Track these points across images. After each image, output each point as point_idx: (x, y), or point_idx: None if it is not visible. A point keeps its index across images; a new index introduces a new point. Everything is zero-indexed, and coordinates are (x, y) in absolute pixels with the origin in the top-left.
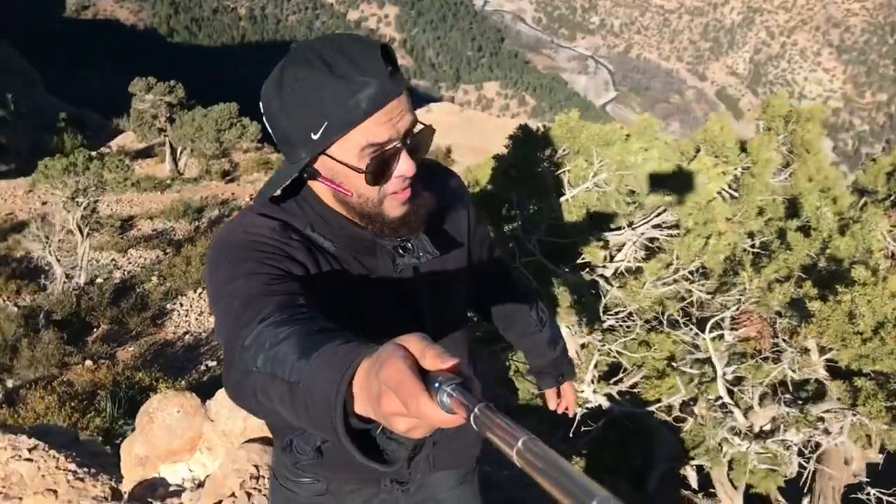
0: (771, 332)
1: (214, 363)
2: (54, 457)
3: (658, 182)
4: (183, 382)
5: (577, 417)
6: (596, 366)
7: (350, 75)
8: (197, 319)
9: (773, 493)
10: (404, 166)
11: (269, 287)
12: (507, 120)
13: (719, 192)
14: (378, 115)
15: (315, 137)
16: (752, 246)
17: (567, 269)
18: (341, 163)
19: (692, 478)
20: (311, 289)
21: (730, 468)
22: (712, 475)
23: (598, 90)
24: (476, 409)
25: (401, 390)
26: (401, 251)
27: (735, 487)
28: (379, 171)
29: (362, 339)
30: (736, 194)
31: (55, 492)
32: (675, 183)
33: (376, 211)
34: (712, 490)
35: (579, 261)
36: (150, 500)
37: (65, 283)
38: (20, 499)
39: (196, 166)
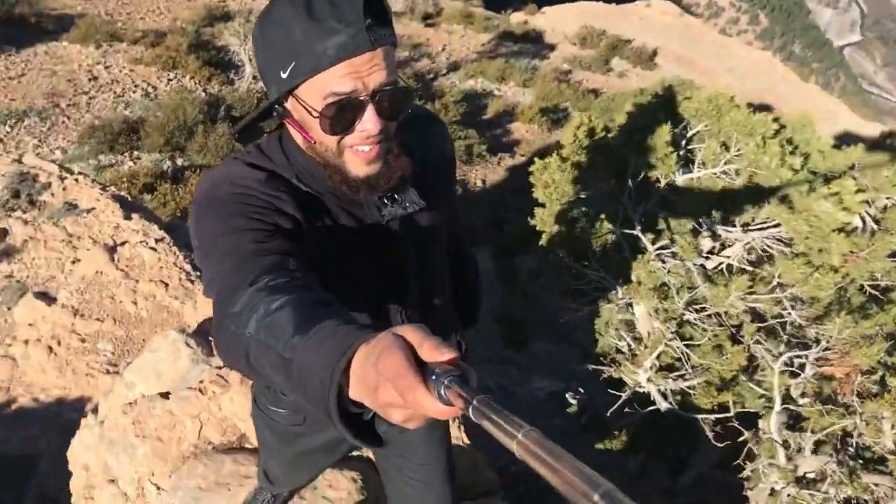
0: (857, 380)
1: None
2: (175, 253)
3: (786, 192)
4: None
5: (623, 398)
6: (659, 356)
7: (325, 19)
8: None
9: None
10: (369, 123)
11: (260, 245)
12: (728, 39)
13: (862, 219)
14: (344, 64)
15: (283, 76)
16: (875, 287)
17: (665, 249)
18: (305, 106)
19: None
20: (301, 242)
21: (770, 493)
22: (750, 495)
23: (841, 29)
24: (475, 401)
25: (398, 382)
26: (386, 201)
27: None
28: (335, 119)
29: (357, 302)
30: (877, 227)
31: (166, 285)
32: (804, 199)
33: (336, 163)
34: None
35: (679, 247)
36: (210, 337)
37: (250, 83)
38: (137, 281)
39: (402, 2)
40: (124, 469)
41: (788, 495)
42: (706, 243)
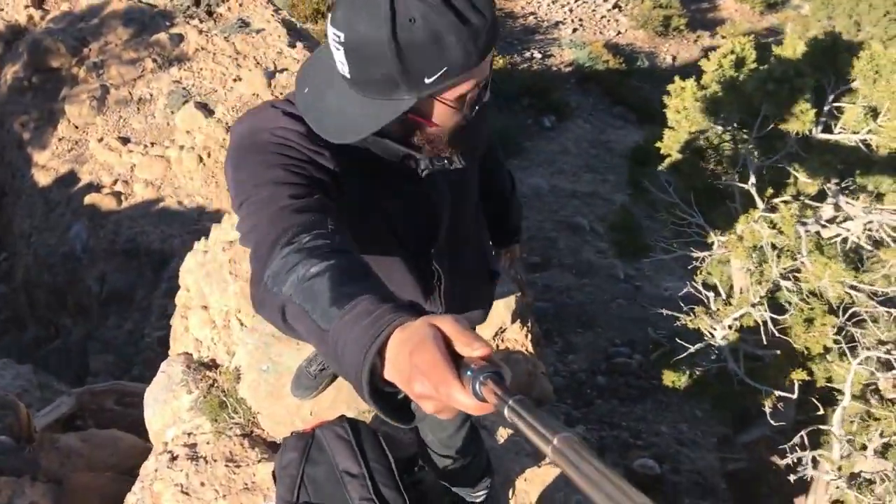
0: None
1: (540, 55)
2: None
3: None
4: (500, 61)
5: (691, 350)
6: (742, 317)
7: (470, 18)
8: (548, 8)
9: None
10: (487, 96)
11: (298, 201)
12: None
13: None
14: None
15: (427, 81)
16: None
17: (774, 207)
18: (440, 101)
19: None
20: (340, 194)
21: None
22: (793, 479)
23: None
24: (511, 402)
25: (432, 375)
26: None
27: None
28: (473, 105)
29: (390, 249)
30: None
31: None
32: None
33: (440, 135)
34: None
35: (781, 217)
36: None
37: None
38: None
39: None
40: (216, 300)
41: (837, 487)
42: (828, 211)
